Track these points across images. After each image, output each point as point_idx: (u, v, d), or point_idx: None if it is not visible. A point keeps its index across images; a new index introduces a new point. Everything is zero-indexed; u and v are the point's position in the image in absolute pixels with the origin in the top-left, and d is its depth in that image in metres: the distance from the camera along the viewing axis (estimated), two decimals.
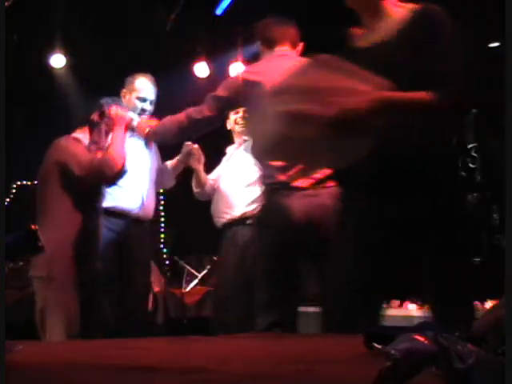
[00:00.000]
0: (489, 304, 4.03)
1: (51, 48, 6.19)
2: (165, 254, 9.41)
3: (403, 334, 0.99)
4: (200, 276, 6.88)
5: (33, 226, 1.92)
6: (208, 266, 6.86)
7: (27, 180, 7.19)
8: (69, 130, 3.41)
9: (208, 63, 6.61)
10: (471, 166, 4.96)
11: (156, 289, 7.07)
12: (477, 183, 4.96)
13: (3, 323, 1.34)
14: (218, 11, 5.96)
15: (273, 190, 2.83)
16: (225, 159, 4.33)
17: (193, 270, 7.02)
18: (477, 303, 4.20)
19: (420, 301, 4.19)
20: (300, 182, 2.69)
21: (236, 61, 6.64)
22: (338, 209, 2.68)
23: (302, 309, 5.36)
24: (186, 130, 3.06)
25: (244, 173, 4.10)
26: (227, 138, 4.39)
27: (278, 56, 3.02)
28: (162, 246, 9.53)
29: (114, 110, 3.25)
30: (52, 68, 6.38)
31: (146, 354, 1.58)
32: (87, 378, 1.20)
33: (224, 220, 4.12)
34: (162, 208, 9.49)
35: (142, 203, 3.79)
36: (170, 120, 3.10)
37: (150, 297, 7.02)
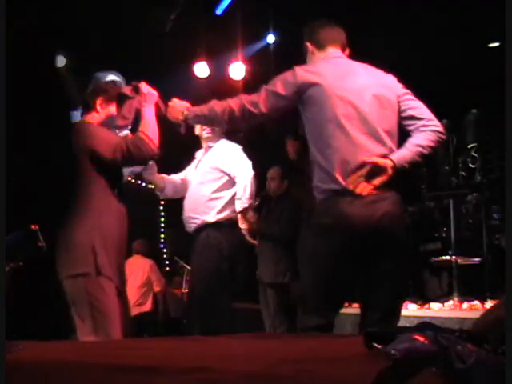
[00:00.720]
0: (489, 304, 4.03)
1: (52, 48, 6.20)
2: (165, 254, 9.42)
3: (403, 333, 0.99)
4: None
5: (33, 226, 1.91)
6: None
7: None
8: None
9: (208, 63, 6.62)
10: (471, 166, 4.96)
11: (156, 289, 7.08)
12: (477, 183, 4.96)
13: (3, 323, 1.34)
14: (218, 11, 5.96)
15: (334, 197, 2.69)
16: (193, 164, 4.34)
17: None
18: (477, 303, 4.21)
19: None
20: (360, 189, 2.61)
21: (236, 61, 6.65)
22: (402, 215, 2.72)
23: None
24: (238, 120, 2.88)
25: (210, 178, 4.17)
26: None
27: (334, 57, 2.94)
28: (162, 245, 9.55)
29: (144, 86, 3.10)
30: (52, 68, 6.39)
31: (146, 354, 1.58)
32: (87, 377, 1.20)
33: (195, 225, 4.16)
34: (161, 208, 9.52)
35: None
36: (221, 106, 2.91)
37: (150, 297, 7.03)
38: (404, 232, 2.75)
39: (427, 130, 2.80)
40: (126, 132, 3.32)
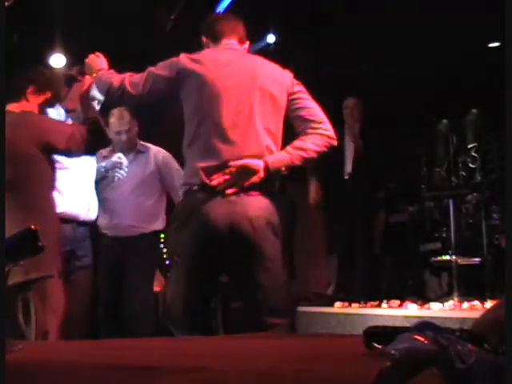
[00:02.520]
0: (489, 304, 4.03)
1: (51, 48, 6.19)
2: (165, 254, 9.40)
3: (403, 333, 0.99)
4: None
5: (33, 226, 1.92)
6: None
7: None
8: None
9: None
10: (471, 166, 4.96)
11: (156, 289, 7.07)
12: (477, 183, 4.96)
13: (3, 323, 1.34)
14: (219, 10, 5.96)
15: (193, 192, 2.58)
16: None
17: None
18: (477, 303, 4.20)
19: None
20: (222, 186, 2.51)
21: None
22: (267, 219, 2.57)
23: (302, 309, 5.38)
24: (115, 97, 2.74)
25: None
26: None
27: (225, 47, 2.78)
28: (161, 246, 9.54)
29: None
30: (52, 68, 6.38)
31: (146, 354, 1.58)
32: (87, 377, 1.20)
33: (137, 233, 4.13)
34: None
35: (89, 209, 3.77)
36: (107, 76, 2.76)
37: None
38: (268, 237, 2.58)
39: (314, 133, 2.64)
40: (75, 117, 3.25)
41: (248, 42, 2.91)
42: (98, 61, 2.90)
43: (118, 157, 3.99)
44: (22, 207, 2.73)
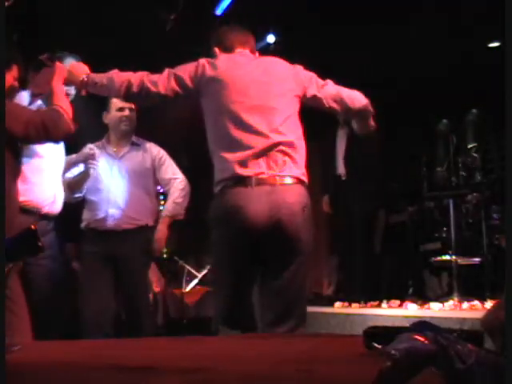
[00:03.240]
0: (489, 304, 4.03)
1: (51, 48, 6.19)
2: (165, 253, 9.42)
3: (403, 333, 0.99)
4: (200, 276, 6.88)
5: (32, 226, 1.91)
6: (208, 266, 6.86)
7: None
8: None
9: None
10: (471, 166, 4.95)
11: (156, 289, 7.07)
12: (477, 183, 4.96)
13: (3, 323, 1.34)
14: (218, 11, 5.96)
15: (227, 187, 2.66)
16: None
17: (193, 270, 7.03)
18: (477, 303, 4.21)
19: None
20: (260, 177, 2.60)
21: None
22: (299, 204, 2.64)
23: None
24: (134, 96, 2.80)
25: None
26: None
27: (241, 55, 2.89)
28: None
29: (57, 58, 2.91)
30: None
31: (146, 354, 1.58)
32: (87, 377, 1.20)
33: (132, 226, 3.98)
34: (162, 208, 9.51)
35: (54, 201, 3.54)
36: (118, 77, 2.80)
37: (151, 296, 7.03)
38: (305, 223, 2.66)
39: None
40: (38, 103, 3.16)
41: (258, 54, 3.03)
42: (80, 67, 2.92)
43: (89, 148, 3.86)
44: None
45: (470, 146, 5.00)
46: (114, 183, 3.99)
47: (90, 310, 3.83)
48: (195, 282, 6.92)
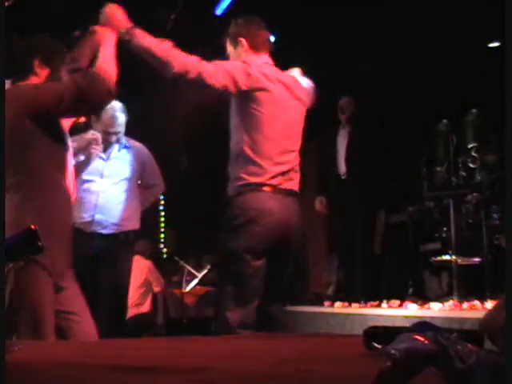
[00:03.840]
0: (489, 304, 4.03)
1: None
2: (165, 253, 9.42)
3: (403, 333, 0.99)
4: (200, 276, 6.88)
5: (32, 226, 1.91)
6: (208, 266, 6.86)
7: None
8: None
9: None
10: (471, 166, 4.95)
11: (156, 289, 7.08)
12: (477, 183, 4.96)
13: (3, 323, 1.34)
14: (218, 11, 5.96)
15: (255, 190, 2.82)
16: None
17: (193, 270, 7.03)
18: (477, 303, 4.20)
19: None
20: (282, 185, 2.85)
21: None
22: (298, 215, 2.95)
23: (302, 309, 5.38)
24: (186, 82, 2.74)
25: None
26: None
27: (269, 67, 2.95)
28: (161, 245, 9.55)
29: (100, 28, 2.65)
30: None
31: (145, 354, 1.58)
32: (87, 377, 1.20)
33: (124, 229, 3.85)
34: (162, 208, 9.51)
35: None
36: (174, 57, 2.72)
37: (149, 297, 7.03)
38: (300, 229, 2.99)
39: None
40: None
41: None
42: (121, 16, 2.76)
43: (92, 133, 3.65)
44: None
45: (469, 145, 5.00)
46: (102, 186, 3.82)
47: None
48: (195, 282, 6.92)
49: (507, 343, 1.00)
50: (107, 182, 3.84)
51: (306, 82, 3.13)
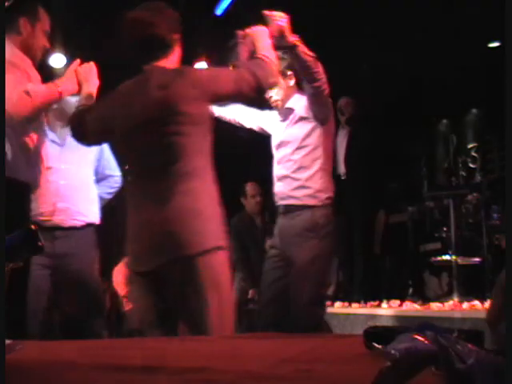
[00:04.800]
0: (489, 304, 4.03)
1: (51, 48, 6.18)
2: None
3: (403, 333, 0.99)
4: None
5: (33, 226, 1.91)
6: None
7: None
8: None
9: (208, 63, 6.61)
10: (471, 166, 4.96)
11: None
12: (477, 183, 4.96)
13: (3, 323, 1.34)
14: (218, 11, 5.96)
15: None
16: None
17: None
18: (477, 303, 4.21)
19: None
20: None
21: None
22: None
23: None
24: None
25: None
26: None
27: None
28: None
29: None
30: (52, 68, 6.38)
31: (146, 354, 1.57)
32: (87, 377, 1.20)
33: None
34: None
35: None
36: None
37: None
38: None
39: None
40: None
41: None
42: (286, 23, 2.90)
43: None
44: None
45: (469, 146, 5.00)
46: (61, 174, 3.45)
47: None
48: None
49: (507, 343, 1.00)
50: (65, 169, 3.49)
51: None
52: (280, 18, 2.81)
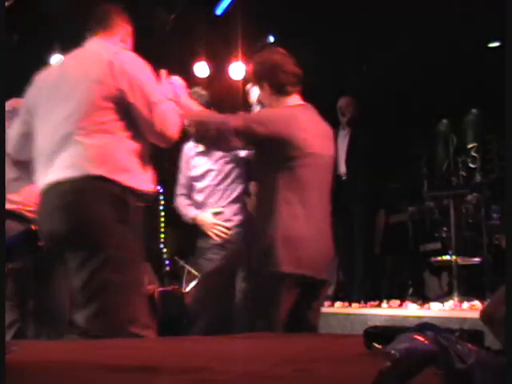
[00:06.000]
0: None
1: (51, 48, 6.18)
2: (165, 253, 9.42)
3: (403, 333, 0.99)
4: (200, 276, 6.87)
5: (33, 226, 1.92)
6: None
7: None
8: None
9: (208, 63, 6.62)
10: (471, 166, 4.96)
11: (150, 290, 7.05)
12: (477, 183, 4.96)
13: (3, 323, 1.34)
14: (218, 11, 5.96)
15: None
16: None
17: (193, 270, 7.02)
18: (477, 303, 4.21)
19: None
20: None
21: (236, 61, 6.64)
22: None
23: None
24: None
25: None
26: None
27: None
28: (162, 245, 9.54)
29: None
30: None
31: (145, 354, 1.57)
32: (87, 377, 1.20)
33: None
34: (162, 208, 9.50)
35: None
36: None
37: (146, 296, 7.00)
38: None
39: None
40: None
41: None
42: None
43: None
44: None
45: (469, 146, 5.00)
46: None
47: None
48: (195, 282, 6.91)
49: (507, 343, 1.00)
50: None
51: None
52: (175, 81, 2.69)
